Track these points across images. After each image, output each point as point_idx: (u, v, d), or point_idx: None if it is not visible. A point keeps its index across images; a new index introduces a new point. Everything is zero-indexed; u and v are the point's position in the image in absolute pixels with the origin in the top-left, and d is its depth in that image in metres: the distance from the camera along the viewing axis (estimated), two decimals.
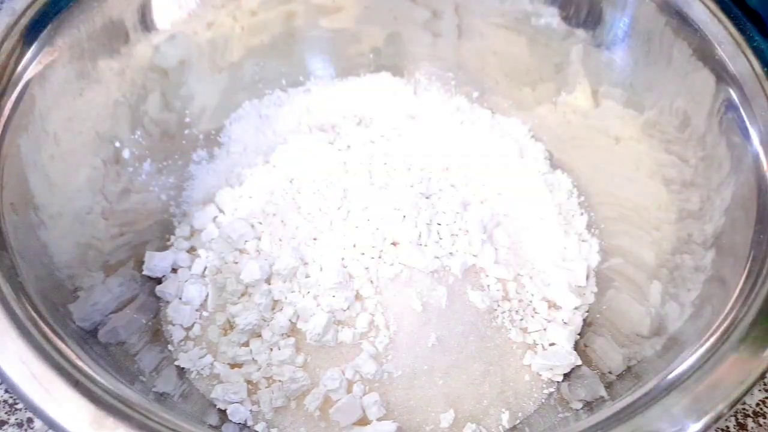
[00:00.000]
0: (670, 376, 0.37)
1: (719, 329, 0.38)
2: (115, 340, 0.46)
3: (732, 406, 0.34)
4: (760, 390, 0.51)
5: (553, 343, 0.52)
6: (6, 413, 0.48)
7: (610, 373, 0.48)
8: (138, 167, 0.56)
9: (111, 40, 0.51)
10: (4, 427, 0.47)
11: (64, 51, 0.47)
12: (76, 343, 0.37)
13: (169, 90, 0.58)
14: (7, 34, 0.45)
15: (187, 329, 0.51)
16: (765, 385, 0.51)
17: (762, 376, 0.35)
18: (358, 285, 0.50)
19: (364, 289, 0.50)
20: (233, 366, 0.49)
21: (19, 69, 0.44)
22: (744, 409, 0.50)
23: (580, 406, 0.47)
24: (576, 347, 0.52)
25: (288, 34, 0.64)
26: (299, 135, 0.63)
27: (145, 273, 0.53)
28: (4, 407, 0.48)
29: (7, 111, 0.43)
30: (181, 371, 0.49)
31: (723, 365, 0.36)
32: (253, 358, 0.49)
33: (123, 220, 0.53)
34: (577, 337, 0.53)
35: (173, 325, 0.51)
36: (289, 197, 0.56)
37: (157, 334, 0.51)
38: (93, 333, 0.45)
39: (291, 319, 0.49)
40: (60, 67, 0.47)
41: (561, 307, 0.54)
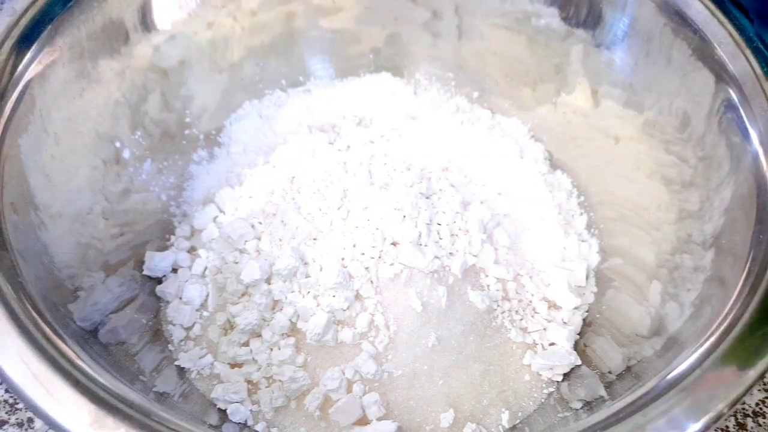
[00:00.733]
0: (670, 376, 0.37)
1: (719, 329, 0.38)
2: (116, 340, 0.46)
3: (732, 406, 0.34)
4: (759, 390, 0.51)
5: (552, 343, 0.52)
6: (6, 413, 0.48)
7: (609, 372, 0.48)
8: (138, 167, 0.56)
9: (111, 40, 0.52)
10: (4, 427, 0.47)
11: (65, 51, 0.47)
12: (76, 343, 0.37)
13: (169, 90, 0.58)
14: (7, 35, 0.45)
15: (188, 329, 0.51)
16: (764, 385, 0.51)
17: (761, 376, 0.35)
18: (358, 285, 0.50)
19: (364, 289, 0.50)
20: (233, 366, 0.49)
21: (20, 69, 0.44)
22: (744, 408, 0.50)
23: (579, 405, 0.47)
24: (576, 347, 0.52)
25: (288, 35, 0.64)
26: (299, 135, 0.63)
27: (145, 273, 0.53)
28: (4, 407, 0.48)
29: (8, 111, 0.43)
30: (181, 371, 0.49)
31: (723, 365, 0.36)
32: (253, 358, 0.49)
33: (123, 220, 0.53)
34: (577, 337, 0.53)
35: (173, 325, 0.51)
36: (289, 197, 0.56)
37: (157, 334, 0.51)
38: (93, 333, 0.45)
39: (291, 319, 0.49)
40: (60, 68, 0.47)
41: (561, 307, 0.54)
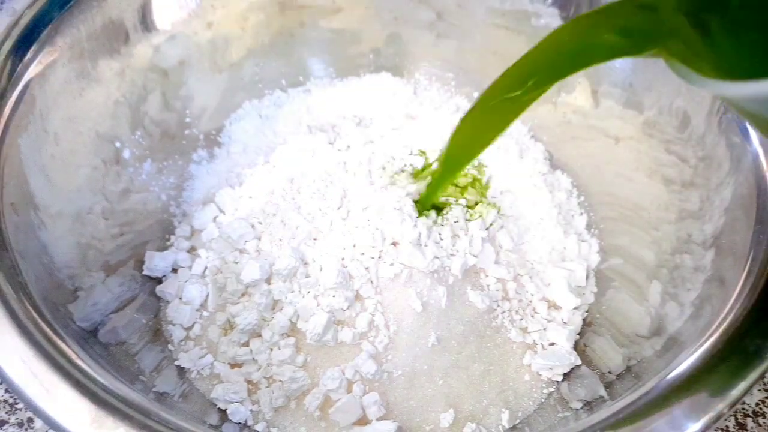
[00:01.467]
0: (670, 376, 0.37)
1: (719, 329, 0.38)
2: (116, 340, 0.46)
3: (732, 406, 0.34)
4: (759, 390, 0.51)
5: (552, 343, 0.52)
6: (6, 413, 0.48)
7: (609, 372, 0.48)
8: (138, 167, 0.56)
9: (111, 40, 0.52)
10: (4, 427, 0.47)
11: (65, 51, 0.47)
12: (76, 343, 0.37)
13: (169, 90, 0.58)
14: (7, 35, 0.45)
15: (188, 329, 0.51)
16: (764, 385, 0.51)
17: (761, 376, 0.35)
18: (358, 285, 0.50)
19: (364, 289, 0.50)
20: (233, 366, 0.49)
21: (20, 69, 0.44)
22: (744, 408, 0.50)
23: (579, 405, 0.47)
24: (575, 347, 0.52)
25: (288, 35, 0.64)
26: (299, 135, 0.63)
27: (145, 273, 0.53)
28: (4, 407, 0.48)
29: (8, 111, 0.43)
30: (181, 371, 0.49)
31: (723, 365, 0.36)
32: (253, 358, 0.49)
33: (123, 220, 0.53)
34: (577, 337, 0.53)
35: (173, 325, 0.51)
36: (289, 197, 0.56)
37: (157, 334, 0.51)
38: (93, 333, 0.45)
39: (291, 319, 0.49)
40: (60, 68, 0.47)
41: (560, 307, 0.54)
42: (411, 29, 0.65)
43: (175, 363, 0.50)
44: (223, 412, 0.47)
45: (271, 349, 0.49)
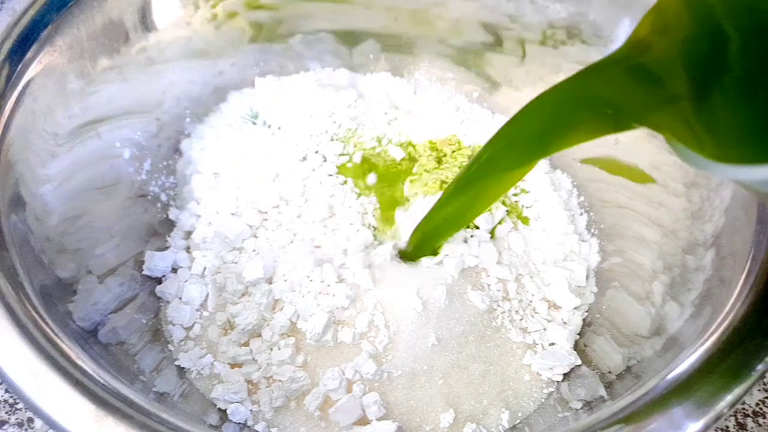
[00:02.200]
0: (670, 376, 0.37)
1: (719, 329, 0.38)
2: (115, 340, 0.46)
3: (731, 406, 0.34)
4: (759, 390, 0.51)
5: (552, 343, 0.52)
6: (6, 413, 0.48)
7: (609, 372, 0.48)
8: (138, 167, 0.56)
9: (111, 40, 0.52)
10: (4, 427, 0.47)
11: (65, 51, 0.47)
12: (76, 343, 0.37)
13: (169, 89, 0.58)
14: (7, 35, 0.45)
15: (188, 329, 0.51)
16: (764, 385, 0.51)
17: (761, 376, 0.35)
18: (358, 284, 0.50)
19: (364, 289, 0.50)
20: (233, 366, 0.49)
21: (20, 69, 0.44)
22: (744, 408, 0.50)
23: (579, 405, 0.47)
24: (575, 347, 0.52)
25: (288, 35, 0.64)
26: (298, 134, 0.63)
27: (145, 273, 0.53)
28: (4, 407, 0.48)
29: (8, 111, 0.43)
30: (181, 371, 0.49)
31: (723, 365, 0.36)
32: (253, 358, 0.49)
33: (123, 220, 0.53)
34: (577, 337, 0.53)
35: (173, 325, 0.51)
36: (289, 196, 0.56)
37: (157, 334, 0.51)
38: (93, 333, 0.45)
39: (291, 319, 0.49)
40: (60, 67, 0.47)
41: (560, 307, 0.54)
42: (411, 29, 0.65)
43: (175, 363, 0.50)
44: (223, 412, 0.47)
45: (271, 349, 0.49)
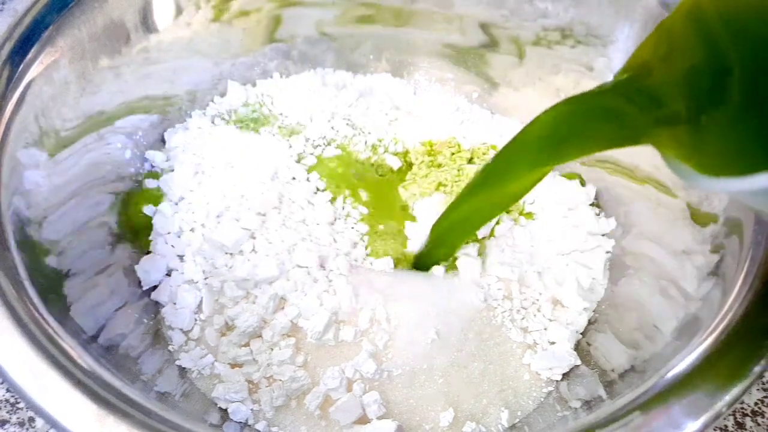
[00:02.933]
0: (669, 375, 0.37)
1: (718, 328, 0.38)
2: (116, 342, 0.46)
3: (730, 405, 0.34)
4: (758, 389, 0.51)
5: (553, 342, 0.52)
6: (8, 412, 0.48)
7: (612, 371, 0.48)
8: (139, 167, 0.56)
9: (112, 40, 0.52)
10: (5, 426, 0.47)
11: (66, 52, 0.47)
12: (76, 342, 0.37)
13: (169, 89, 0.58)
14: (8, 35, 0.45)
15: (187, 332, 0.51)
16: (763, 384, 0.51)
17: (760, 376, 0.35)
18: (359, 283, 0.50)
19: (366, 286, 0.50)
20: (234, 366, 0.49)
21: (21, 69, 0.44)
22: (742, 408, 0.50)
23: (578, 404, 0.47)
24: (578, 345, 0.52)
25: (289, 36, 0.64)
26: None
27: (139, 276, 0.53)
28: (5, 406, 0.48)
29: (9, 111, 0.43)
30: (182, 371, 0.49)
31: (721, 364, 0.36)
32: (253, 358, 0.49)
33: (124, 221, 0.54)
34: (579, 336, 0.53)
35: (172, 329, 0.51)
36: (290, 195, 0.56)
37: (158, 335, 0.51)
38: (94, 334, 0.45)
39: (292, 320, 0.49)
40: (61, 68, 0.47)
41: (568, 307, 0.53)
42: (412, 29, 0.65)
43: (176, 363, 0.50)
44: (224, 411, 0.48)
45: (272, 349, 0.49)
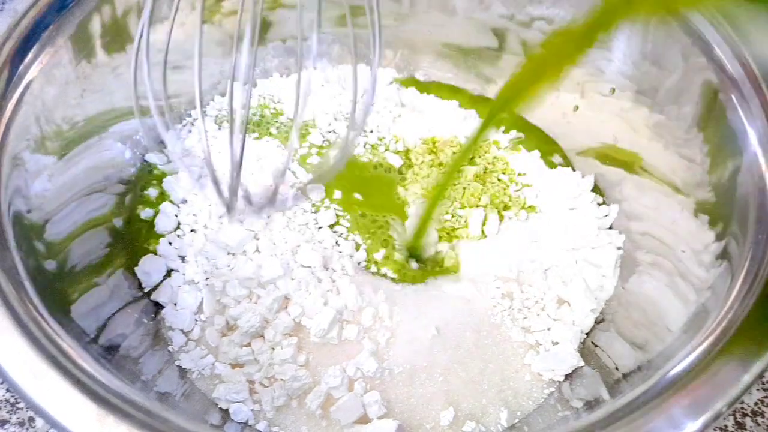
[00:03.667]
0: (669, 375, 0.37)
1: (718, 329, 0.38)
2: (116, 342, 0.46)
3: (731, 405, 0.34)
4: (758, 389, 0.51)
5: (557, 342, 0.51)
6: (8, 412, 0.48)
7: (617, 369, 0.47)
8: (139, 167, 0.56)
9: (112, 40, 0.51)
10: (5, 426, 0.47)
11: (66, 52, 0.47)
12: (77, 343, 0.37)
13: (170, 90, 0.58)
14: (9, 35, 0.45)
15: (187, 333, 0.51)
16: (763, 384, 0.51)
17: (760, 376, 0.35)
18: (363, 282, 0.51)
19: (370, 285, 0.51)
20: (234, 366, 0.49)
21: (21, 69, 0.44)
22: (742, 408, 0.50)
23: (580, 405, 0.47)
24: (582, 344, 0.51)
25: (290, 36, 0.64)
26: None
27: (139, 277, 0.53)
28: (5, 406, 0.48)
29: (9, 111, 0.43)
30: (182, 371, 0.49)
31: (722, 364, 0.36)
32: (255, 358, 0.49)
33: (120, 216, 0.54)
34: (584, 336, 0.52)
35: (172, 330, 0.51)
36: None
37: (157, 336, 0.51)
38: (94, 335, 0.45)
39: (295, 319, 0.50)
40: (61, 68, 0.47)
41: (574, 307, 0.53)
42: (413, 31, 0.65)
43: (176, 363, 0.50)
44: (224, 412, 0.47)
45: (273, 349, 0.49)
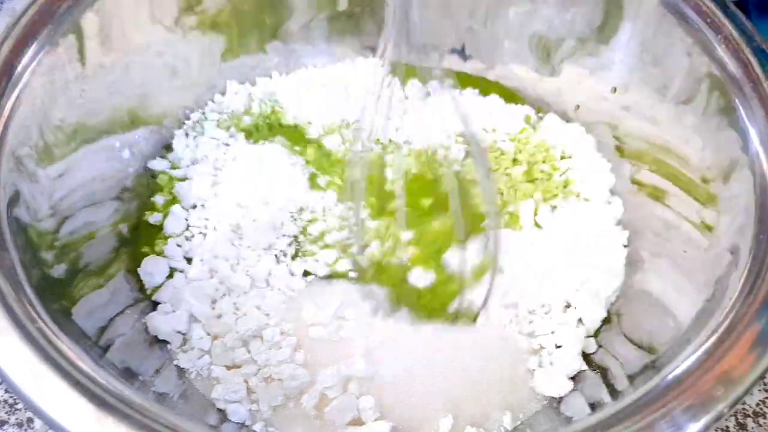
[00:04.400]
0: (670, 376, 0.37)
1: (719, 329, 0.38)
2: (115, 342, 0.46)
3: (732, 406, 0.34)
4: (759, 390, 0.51)
5: (560, 346, 0.50)
6: (6, 413, 0.48)
7: (621, 370, 0.47)
8: (138, 167, 0.56)
9: (111, 40, 0.51)
10: (4, 427, 0.47)
11: (64, 51, 0.47)
12: (76, 344, 0.37)
13: (169, 89, 0.58)
14: (7, 34, 0.45)
15: (185, 333, 0.51)
16: (765, 385, 0.51)
17: (762, 376, 0.35)
18: (363, 280, 0.52)
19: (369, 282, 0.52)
20: (230, 368, 0.49)
21: (20, 69, 0.44)
22: (744, 409, 0.50)
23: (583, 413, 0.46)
24: (586, 347, 0.51)
25: (291, 34, 0.64)
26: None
27: (142, 277, 0.53)
28: (4, 407, 0.48)
29: (8, 111, 0.43)
30: (180, 371, 0.49)
31: (723, 365, 0.36)
32: (252, 358, 0.49)
33: (123, 221, 0.54)
34: (589, 340, 0.51)
35: (172, 330, 0.50)
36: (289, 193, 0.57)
37: (157, 336, 0.51)
38: (93, 335, 0.44)
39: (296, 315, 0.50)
40: (60, 67, 0.47)
41: (580, 311, 0.52)
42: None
43: (175, 363, 0.49)
44: (222, 412, 0.47)
45: (271, 349, 0.49)
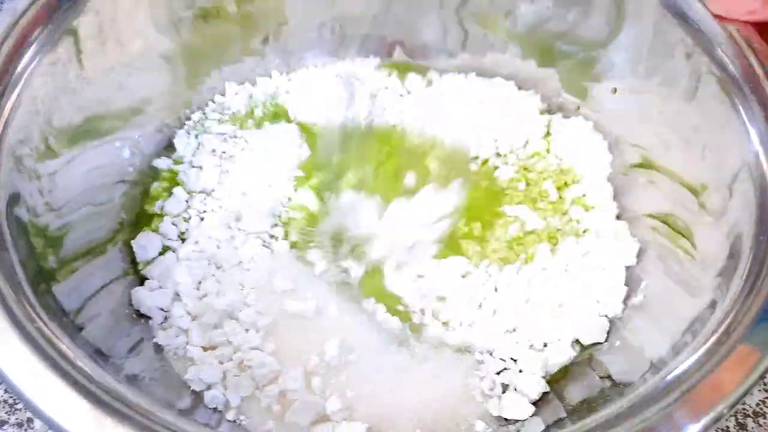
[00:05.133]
0: (669, 376, 0.37)
1: (719, 329, 0.37)
2: (97, 318, 0.45)
3: (732, 407, 0.34)
4: (759, 390, 0.51)
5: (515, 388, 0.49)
6: (6, 413, 0.48)
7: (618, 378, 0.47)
8: (138, 167, 0.56)
9: (111, 39, 0.51)
10: (4, 427, 0.47)
11: (65, 51, 0.47)
12: (74, 343, 0.37)
13: (169, 89, 0.58)
14: (7, 34, 0.44)
15: (167, 311, 0.51)
16: (765, 385, 0.51)
17: (762, 377, 0.35)
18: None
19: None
20: (207, 349, 0.49)
21: (20, 69, 0.44)
22: (744, 409, 0.50)
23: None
24: (583, 347, 0.51)
25: (293, 34, 0.64)
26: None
27: (135, 250, 0.53)
28: (3, 407, 0.48)
29: (8, 111, 0.43)
30: (158, 348, 0.49)
31: (723, 365, 0.36)
32: (227, 340, 0.49)
33: (122, 217, 0.54)
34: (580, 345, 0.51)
35: (154, 307, 0.50)
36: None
37: (138, 313, 0.50)
38: (76, 308, 0.44)
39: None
40: (60, 67, 0.47)
41: (574, 316, 0.51)
42: (416, 33, 0.65)
43: (153, 341, 0.49)
44: (197, 395, 0.47)
45: (247, 330, 0.49)
